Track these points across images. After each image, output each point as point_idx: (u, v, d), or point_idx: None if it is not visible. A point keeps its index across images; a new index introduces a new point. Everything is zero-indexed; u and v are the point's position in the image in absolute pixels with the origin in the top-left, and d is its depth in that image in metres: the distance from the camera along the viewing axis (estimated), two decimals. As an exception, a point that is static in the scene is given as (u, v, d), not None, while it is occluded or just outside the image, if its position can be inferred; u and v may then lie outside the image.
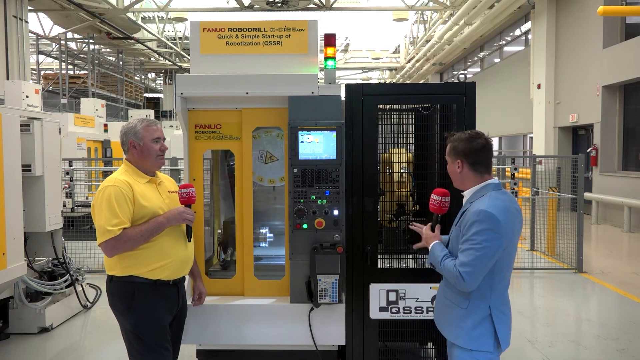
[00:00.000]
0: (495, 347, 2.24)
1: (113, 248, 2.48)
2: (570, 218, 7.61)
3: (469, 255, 2.17)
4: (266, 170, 3.78)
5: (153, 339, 2.57)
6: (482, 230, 2.15)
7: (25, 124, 4.55)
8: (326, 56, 3.40)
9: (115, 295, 2.59)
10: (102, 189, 2.52)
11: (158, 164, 2.72)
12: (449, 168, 2.40)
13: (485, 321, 2.25)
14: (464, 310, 2.27)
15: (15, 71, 11.72)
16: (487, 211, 2.16)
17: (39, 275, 4.88)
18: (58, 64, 17.02)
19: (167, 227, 2.60)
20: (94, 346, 4.51)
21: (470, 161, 2.31)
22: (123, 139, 2.70)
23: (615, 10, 9.70)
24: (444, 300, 2.39)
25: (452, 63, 23.79)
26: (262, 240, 3.60)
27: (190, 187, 2.71)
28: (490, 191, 2.28)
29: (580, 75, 12.38)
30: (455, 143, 2.34)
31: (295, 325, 3.23)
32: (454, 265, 2.21)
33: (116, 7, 15.13)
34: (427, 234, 2.48)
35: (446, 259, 2.29)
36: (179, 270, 2.70)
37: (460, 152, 2.32)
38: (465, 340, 2.26)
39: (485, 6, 12.95)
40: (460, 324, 2.28)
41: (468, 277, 2.16)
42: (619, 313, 5.44)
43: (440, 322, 2.44)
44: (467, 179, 2.34)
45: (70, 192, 7.29)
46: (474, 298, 2.25)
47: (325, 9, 14.80)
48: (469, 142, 2.31)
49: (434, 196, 2.52)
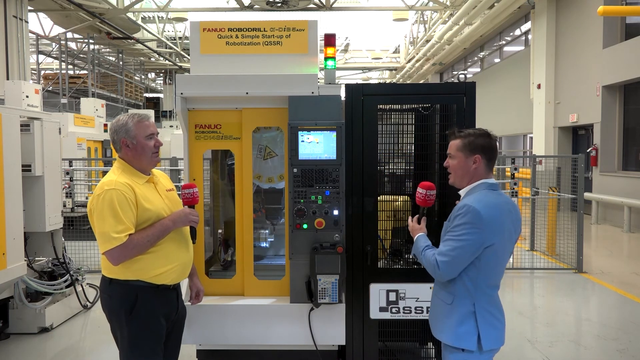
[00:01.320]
0: (477, 347, 2.21)
1: (119, 256, 2.34)
2: (570, 218, 7.61)
3: (447, 245, 2.22)
4: (266, 169, 3.78)
5: (148, 345, 2.47)
6: (464, 224, 2.18)
7: (25, 124, 4.55)
8: (326, 56, 3.40)
9: (115, 298, 2.46)
10: (102, 192, 2.36)
11: (153, 162, 2.57)
12: (458, 164, 2.33)
13: (469, 319, 2.23)
14: (448, 306, 2.28)
15: (15, 71, 11.72)
16: (470, 205, 2.19)
17: (39, 275, 4.88)
18: (58, 64, 17.00)
19: (173, 229, 2.51)
20: (94, 346, 4.51)
21: (487, 157, 2.30)
22: (114, 138, 2.52)
23: (615, 10, 9.70)
24: (434, 299, 2.43)
25: (452, 63, 23.79)
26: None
27: (193, 187, 2.63)
28: (483, 189, 2.29)
29: (580, 75, 12.38)
30: (471, 138, 2.29)
31: (295, 325, 3.23)
32: (432, 254, 2.27)
33: (116, 7, 15.13)
34: (413, 227, 2.53)
35: (427, 250, 2.34)
36: (182, 274, 2.63)
37: (479, 147, 2.28)
38: (449, 337, 2.27)
39: (485, 6, 12.95)
40: (445, 319, 2.30)
41: (443, 265, 2.20)
42: (619, 313, 5.44)
43: (430, 320, 2.46)
44: (478, 175, 2.31)
45: (70, 192, 7.29)
46: (458, 294, 2.26)
47: (325, 9, 14.80)
48: (487, 138, 2.31)
49: (420, 189, 2.56)
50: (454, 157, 2.35)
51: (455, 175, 2.38)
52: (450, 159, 2.38)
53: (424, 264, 2.34)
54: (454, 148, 2.35)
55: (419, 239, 2.44)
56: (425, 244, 2.39)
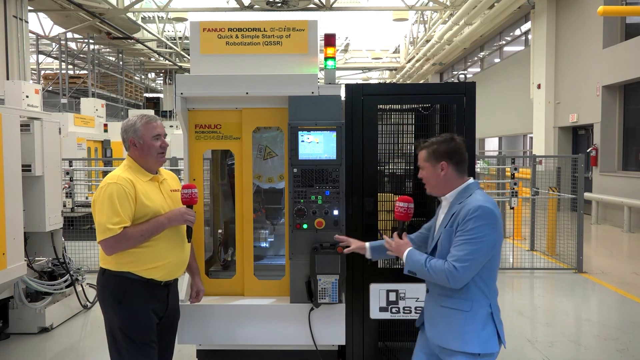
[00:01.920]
0: (498, 347, 2.24)
1: (112, 246, 2.46)
2: (570, 218, 7.61)
3: (463, 250, 2.15)
4: (266, 169, 3.78)
5: (139, 335, 2.55)
6: (481, 226, 2.15)
7: (25, 124, 4.55)
8: (326, 56, 3.40)
9: (107, 288, 2.57)
10: (104, 185, 2.50)
11: (159, 162, 2.69)
12: (427, 174, 2.37)
13: (489, 321, 2.22)
14: (467, 313, 2.21)
15: (15, 71, 11.72)
16: (485, 206, 2.18)
17: (39, 275, 4.88)
18: (58, 64, 17.01)
19: (168, 227, 2.58)
20: (94, 346, 4.52)
21: (454, 161, 2.32)
22: (123, 137, 2.67)
23: (615, 10, 9.70)
24: (440, 310, 2.30)
25: (452, 63, 23.79)
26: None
27: (193, 188, 2.66)
28: (475, 189, 2.31)
29: (580, 75, 12.38)
30: (434, 147, 2.33)
31: (295, 325, 3.23)
32: (443, 262, 2.19)
33: (116, 7, 15.13)
34: (398, 242, 2.41)
35: (432, 261, 2.24)
36: (173, 272, 2.68)
37: (443, 154, 2.31)
38: (476, 345, 2.19)
39: (485, 6, 12.95)
40: (466, 328, 2.21)
41: (464, 271, 2.13)
42: (619, 313, 5.43)
43: (438, 335, 2.31)
44: (450, 181, 2.33)
45: (70, 192, 7.28)
46: (476, 298, 2.22)
47: (325, 9, 14.80)
48: (449, 143, 2.33)
49: (401, 203, 2.49)
50: (423, 168, 2.39)
51: (429, 185, 2.40)
52: (420, 170, 2.41)
53: (431, 275, 2.23)
54: (422, 159, 2.39)
55: (412, 253, 2.33)
56: (423, 256, 2.30)
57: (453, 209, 2.30)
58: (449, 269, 2.15)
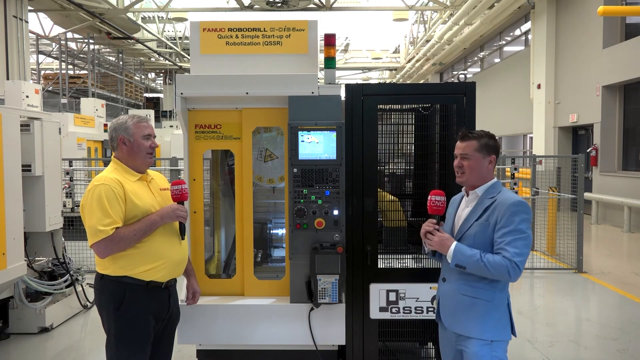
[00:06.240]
0: (510, 336, 2.38)
1: (106, 249, 2.41)
2: (570, 218, 7.61)
3: (519, 246, 2.24)
4: (266, 170, 3.78)
5: (134, 343, 2.50)
6: (525, 220, 2.28)
7: (25, 124, 4.55)
8: (326, 56, 3.40)
9: (105, 294, 2.52)
10: (92, 188, 2.45)
11: (147, 162, 2.64)
12: (474, 164, 2.40)
13: (506, 311, 2.37)
14: (490, 304, 2.33)
15: (15, 71, 11.71)
16: (524, 202, 2.32)
17: (39, 275, 4.88)
18: (58, 64, 17.00)
19: (160, 225, 2.54)
20: (94, 346, 4.51)
21: (496, 158, 2.45)
22: (112, 135, 2.63)
23: (615, 10, 9.70)
24: (461, 298, 2.37)
25: (452, 63, 23.79)
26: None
27: (182, 184, 2.64)
28: (501, 187, 2.43)
29: (580, 75, 12.38)
30: (485, 140, 2.42)
31: (295, 325, 3.23)
32: (503, 258, 2.23)
33: (116, 7, 15.12)
34: (442, 236, 2.39)
35: (487, 255, 2.27)
36: (174, 271, 2.65)
37: (493, 149, 2.43)
38: (493, 333, 2.32)
39: (485, 6, 12.95)
40: (487, 317, 2.33)
41: (522, 265, 2.24)
42: (619, 313, 5.43)
43: (458, 322, 2.39)
44: (488, 175, 2.44)
45: (70, 192, 7.28)
46: (500, 290, 2.34)
47: (325, 9, 14.79)
48: (495, 140, 2.46)
49: (437, 197, 2.49)
50: (471, 158, 2.41)
51: (471, 175, 2.43)
52: (464, 159, 2.42)
53: (489, 270, 2.24)
54: (472, 149, 2.41)
55: (462, 247, 2.33)
56: (474, 251, 2.30)
57: (484, 203, 2.38)
58: (511, 265, 2.22)
